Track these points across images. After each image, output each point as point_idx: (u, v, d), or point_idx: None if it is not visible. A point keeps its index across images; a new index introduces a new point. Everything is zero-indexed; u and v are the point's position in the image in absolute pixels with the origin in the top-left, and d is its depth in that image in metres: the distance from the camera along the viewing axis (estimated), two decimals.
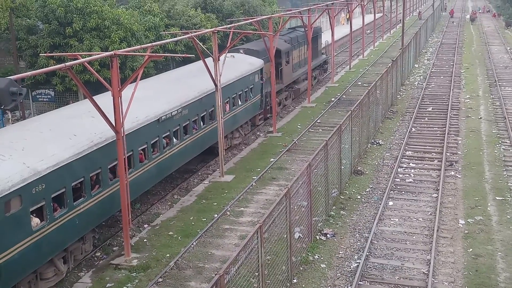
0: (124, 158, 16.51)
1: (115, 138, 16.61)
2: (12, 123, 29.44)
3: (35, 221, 14.27)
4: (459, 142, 27.48)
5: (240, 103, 27.68)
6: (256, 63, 30.05)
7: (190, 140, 22.64)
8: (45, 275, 15.23)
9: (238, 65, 28.45)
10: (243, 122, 28.69)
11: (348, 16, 52.57)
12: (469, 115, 32.66)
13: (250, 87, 28.93)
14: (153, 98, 20.73)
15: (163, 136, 20.50)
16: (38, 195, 14.21)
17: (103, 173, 16.88)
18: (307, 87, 38.43)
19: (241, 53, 31.38)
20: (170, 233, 18.45)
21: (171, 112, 20.92)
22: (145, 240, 18.04)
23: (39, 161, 14.50)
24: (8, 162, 13.86)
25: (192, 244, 17.49)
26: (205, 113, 23.84)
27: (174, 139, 21.30)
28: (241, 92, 27.73)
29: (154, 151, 19.95)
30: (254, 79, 29.54)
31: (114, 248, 18.11)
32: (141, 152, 19.17)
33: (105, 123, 16.00)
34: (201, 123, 23.62)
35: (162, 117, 20.27)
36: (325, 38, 51.79)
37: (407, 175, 23.25)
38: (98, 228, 18.50)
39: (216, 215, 19.59)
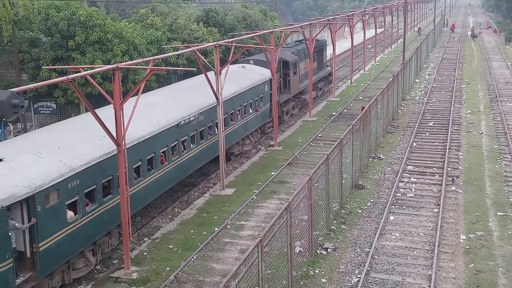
0: (126, 172, 16.63)
1: (140, 141, 18.45)
2: (14, 136, 29.47)
3: (70, 214, 15.45)
4: (460, 157, 27.46)
5: (251, 111, 28.80)
6: (265, 73, 30.75)
7: (206, 144, 23.74)
8: (76, 265, 16.34)
9: (248, 75, 29.68)
10: (253, 129, 29.85)
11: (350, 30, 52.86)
12: (470, 130, 32.67)
13: (260, 96, 30.02)
14: (172, 104, 22.24)
15: (182, 140, 21.78)
16: (73, 190, 15.46)
17: (128, 173, 17.69)
18: (313, 97, 40.67)
19: (251, 64, 32.40)
20: (170, 246, 18.40)
21: (189, 118, 22.27)
22: (145, 253, 17.99)
23: (74, 159, 15.74)
24: (46, 159, 15.18)
25: (192, 257, 17.43)
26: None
27: (191, 144, 22.63)
28: (251, 100, 28.90)
29: (173, 154, 21.21)
30: (264, 88, 30.52)
31: (114, 261, 18.05)
32: (162, 154, 20.35)
33: (130, 127, 16.92)
34: (215, 129, 24.55)
35: (181, 122, 21.62)
36: (328, 51, 52.03)
37: (408, 189, 23.21)
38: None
39: (216, 229, 19.54)
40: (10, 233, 13.41)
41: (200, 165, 23.81)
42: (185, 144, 22.07)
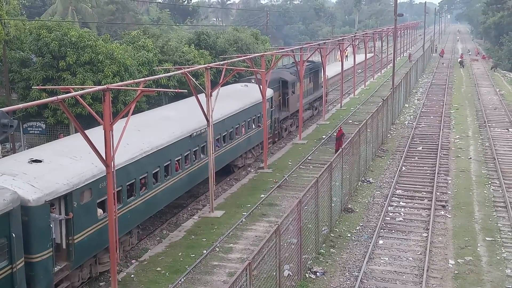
0: (114, 193, 16.58)
1: (159, 148, 20.25)
2: (3, 155, 29.26)
3: (99, 211, 16.98)
4: (449, 182, 27.56)
5: (253, 126, 30.78)
6: (267, 92, 31.15)
7: (214, 155, 24.56)
8: (102, 259, 17.70)
9: (251, 93, 31.30)
10: (255, 144, 31.59)
11: (346, 53, 53.46)
12: (459, 155, 32.85)
13: (262, 113, 31.08)
14: (185, 118, 24.06)
15: (194, 150, 23.46)
16: (103, 190, 16.79)
17: (149, 177, 19.77)
18: (310, 115, 43.12)
19: (253, 82, 33.45)
20: (158, 268, 18.23)
21: (200, 130, 23.92)
22: (132, 275, 17.81)
23: None
24: (80, 162, 16.90)
25: (180, 280, 17.28)
26: (225, 133, 26.90)
27: (201, 154, 24.29)
28: (254, 117, 30.56)
29: (186, 162, 22.89)
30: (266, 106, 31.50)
31: (101, 284, 17.86)
32: (177, 162, 22.03)
33: (149, 136, 19.07)
34: (223, 142, 26.65)
35: (193, 134, 23.46)
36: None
37: (397, 214, 23.22)
38: (141, 225, 20.83)
39: (205, 251, 19.42)
40: (51, 225, 14.74)
41: (208, 175, 24.35)
42: (196, 154, 23.75)
